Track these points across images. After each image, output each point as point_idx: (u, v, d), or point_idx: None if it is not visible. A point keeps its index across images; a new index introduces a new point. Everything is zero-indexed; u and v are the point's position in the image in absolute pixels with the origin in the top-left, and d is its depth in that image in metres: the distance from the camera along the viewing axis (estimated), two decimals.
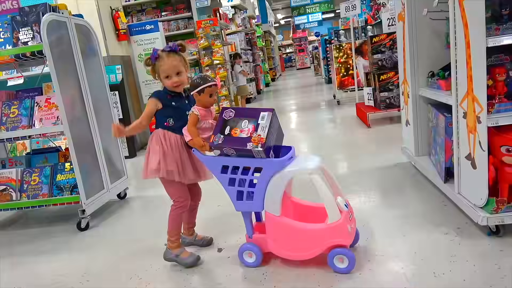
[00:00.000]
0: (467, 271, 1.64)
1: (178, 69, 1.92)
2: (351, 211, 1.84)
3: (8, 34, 2.69)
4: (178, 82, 1.92)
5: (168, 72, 1.91)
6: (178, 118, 1.94)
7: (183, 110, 1.96)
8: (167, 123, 1.94)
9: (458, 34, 1.88)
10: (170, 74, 1.91)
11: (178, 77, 1.92)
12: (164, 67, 1.90)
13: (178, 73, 1.92)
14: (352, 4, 5.99)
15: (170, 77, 1.91)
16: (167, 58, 1.91)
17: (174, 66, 1.90)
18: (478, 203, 1.86)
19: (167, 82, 1.92)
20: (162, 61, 1.90)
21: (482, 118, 1.74)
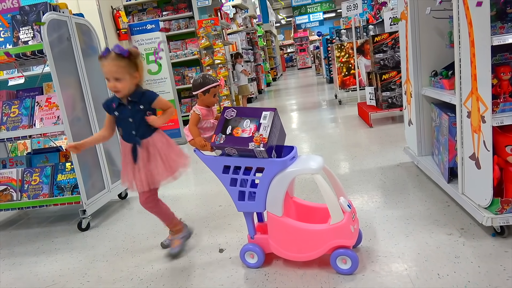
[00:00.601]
0: (472, 272, 1.62)
1: (116, 75, 1.83)
2: (354, 211, 1.82)
3: (8, 33, 2.67)
4: (115, 87, 1.85)
5: (106, 76, 1.86)
6: (124, 127, 1.96)
7: (126, 118, 1.94)
8: (120, 132, 2.00)
9: (462, 32, 1.86)
10: (108, 77, 1.86)
11: (115, 83, 1.84)
12: (103, 69, 1.85)
13: (117, 79, 1.84)
14: (353, 3, 5.96)
15: (108, 80, 1.87)
16: (105, 61, 1.83)
17: (112, 71, 1.83)
18: (482, 204, 1.84)
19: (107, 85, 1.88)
20: (102, 63, 1.84)
21: (486, 117, 1.72)
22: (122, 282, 1.95)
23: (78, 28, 2.89)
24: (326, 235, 1.71)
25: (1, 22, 2.68)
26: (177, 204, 2.96)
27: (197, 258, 2.07)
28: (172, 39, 6.77)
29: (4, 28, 2.68)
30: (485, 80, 1.70)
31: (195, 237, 2.34)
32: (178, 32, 6.76)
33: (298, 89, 11.68)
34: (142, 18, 6.80)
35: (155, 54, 5.24)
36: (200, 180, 3.56)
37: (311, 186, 2.84)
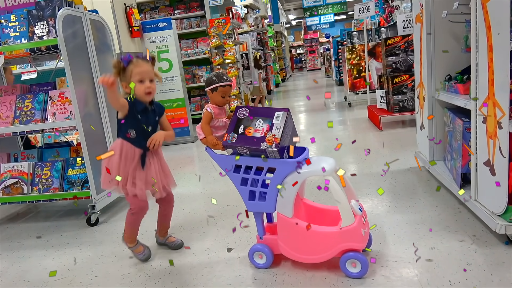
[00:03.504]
0: (484, 280, 1.59)
1: (152, 75, 1.87)
2: (365, 214, 1.80)
3: (24, 28, 2.70)
4: (151, 88, 1.86)
5: (143, 76, 1.83)
6: (140, 132, 1.91)
7: (147, 125, 1.92)
8: (129, 134, 1.90)
9: (480, 37, 1.83)
10: (144, 78, 1.83)
11: (151, 84, 1.86)
12: (139, 70, 1.82)
13: (151, 80, 1.86)
14: (366, 6, 5.93)
15: (144, 81, 1.84)
16: (142, 62, 1.84)
17: (150, 71, 1.86)
18: (496, 211, 1.81)
19: (139, 87, 1.83)
20: (138, 63, 1.83)
21: (503, 123, 1.69)
22: (130, 278, 1.95)
23: (93, 24, 2.91)
24: (336, 237, 1.70)
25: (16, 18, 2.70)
26: (185, 203, 2.97)
27: (205, 257, 2.07)
28: (183, 38, 6.79)
29: (20, 22, 2.70)
30: (503, 85, 1.67)
31: (203, 235, 2.34)
32: (189, 30, 6.78)
33: (307, 90, 11.65)
34: (154, 16, 6.84)
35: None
36: (208, 179, 3.56)
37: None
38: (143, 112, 1.90)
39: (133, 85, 1.81)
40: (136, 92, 1.84)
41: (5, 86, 3.04)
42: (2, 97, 2.84)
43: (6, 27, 2.72)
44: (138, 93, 1.85)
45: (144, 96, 1.86)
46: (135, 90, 1.83)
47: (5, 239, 2.70)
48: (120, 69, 1.84)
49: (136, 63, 1.83)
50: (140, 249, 2.09)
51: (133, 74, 1.82)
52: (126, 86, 1.85)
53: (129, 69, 1.83)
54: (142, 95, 1.86)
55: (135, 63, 1.83)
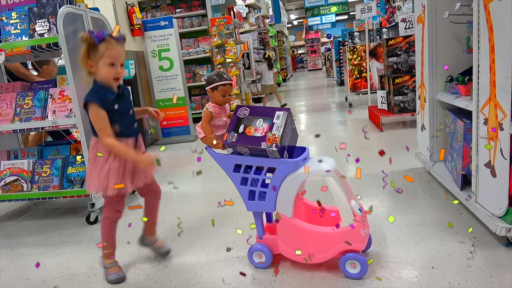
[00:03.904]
0: (484, 282, 1.59)
1: (123, 59, 1.71)
2: (365, 215, 1.79)
3: (25, 25, 2.70)
4: (121, 74, 1.70)
5: (115, 60, 1.66)
6: (124, 121, 1.75)
7: (127, 110, 1.78)
8: (113, 130, 1.72)
9: (482, 38, 1.82)
10: (116, 62, 1.67)
11: (121, 69, 1.71)
12: (113, 52, 1.64)
13: (122, 64, 1.71)
14: (367, 6, 5.93)
15: (115, 66, 1.67)
16: (116, 43, 1.66)
17: (122, 54, 1.69)
18: (496, 213, 1.80)
19: (109, 71, 1.65)
20: (111, 45, 1.64)
21: (505, 125, 1.68)
22: (129, 277, 1.95)
23: (94, 23, 2.90)
24: (336, 238, 1.69)
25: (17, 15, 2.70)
26: (185, 202, 2.96)
27: (204, 256, 2.07)
28: (184, 37, 6.78)
29: (21, 20, 2.70)
30: (505, 87, 1.66)
31: (202, 235, 2.33)
32: (190, 29, 6.78)
33: (308, 90, 11.65)
34: (156, 14, 6.83)
35: None
36: (208, 178, 3.56)
37: (320, 188, 2.81)
38: (117, 99, 1.73)
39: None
40: (102, 75, 1.67)
41: (5, 84, 3.04)
42: (2, 94, 2.84)
43: (7, 25, 2.72)
44: (105, 77, 1.68)
45: (111, 82, 1.70)
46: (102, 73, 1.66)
47: (4, 236, 2.69)
48: (89, 45, 1.63)
49: (109, 43, 1.64)
50: (116, 269, 1.91)
51: (104, 56, 1.64)
52: (92, 65, 1.67)
53: (100, 49, 1.63)
54: (109, 80, 1.69)
55: (108, 44, 1.64)
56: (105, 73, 1.67)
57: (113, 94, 1.72)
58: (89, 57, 1.66)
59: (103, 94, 1.69)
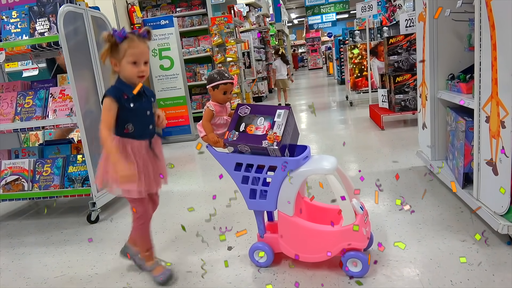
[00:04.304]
0: (486, 280, 1.58)
1: (147, 57, 1.67)
2: (366, 214, 1.79)
3: (25, 24, 2.69)
4: (145, 72, 1.66)
5: (138, 58, 1.62)
6: (139, 122, 1.71)
7: (144, 110, 1.73)
8: (126, 130, 1.69)
9: (483, 35, 1.82)
10: (139, 60, 1.63)
11: (146, 67, 1.67)
12: (135, 50, 1.61)
13: (146, 62, 1.67)
14: (368, 5, 5.91)
15: (138, 64, 1.63)
16: (138, 41, 1.62)
17: (146, 52, 1.65)
18: (498, 211, 1.80)
19: (132, 70, 1.63)
20: (133, 42, 1.61)
21: (507, 122, 1.67)
22: (130, 276, 1.95)
23: (94, 22, 2.90)
24: (337, 236, 1.69)
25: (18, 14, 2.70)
26: (186, 201, 2.96)
27: (205, 255, 2.06)
28: (184, 36, 6.78)
29: (21, 19, 2.70)
30: (507, 84, 1.66)
31: (203, 234, 2.33)
32: (191, 28, 6.77)
33: (309, 89, 11.64)
34: (156, 13, 6.83)
35: None
36: (210, 176, 3.56)
37: (321, 186, 2.81)
38: (136, 98, 1.68)
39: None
40: (126, 73, 1.65)
41: (6, 83, 3.04)
42: (3, 93, 2.84)
43: (7, 24, 2.72)
44: (128, 76, 1.65)
45: (135, 80, 1.66)
46: (126, 71, 1.63)
47: (5, 235, 2.69)
48: (112, 44, 1.62)
49: (131, 41, 1.61)
50: (160, 269, 1.84)
51: (126, 54, 1.61)
52: (116, 64, 1.65)
53: (122, 47, 1.61)
54: (133, 78, 1.66)
55: (130, 42, 1.61)
56: (128, 71, 1.64)
57: (131, 90, 1.67)
58: (112, 56, 1.64)
59: (122, 90, 1.66)
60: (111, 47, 1.62)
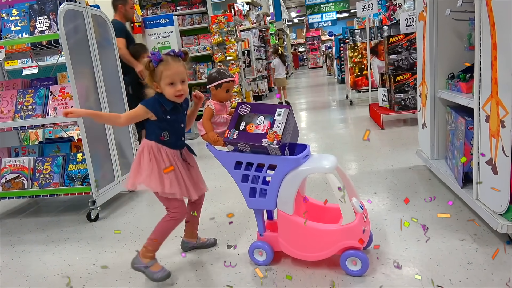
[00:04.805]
0: (485, 279, 1.59)
1: (183, 76, 1.73)
2: (366, 213, 1.79)
3: (25, 22, 2.69)
4: (183, 91, 1.73)
5: (174, 79, 1.69)
6: (173, 132, 1.80)
7: (179, 123, 1.83)
8: (162, 137, 1.77)
9: (483, 35, 1.82)
10: (175, 81, 1.70)
11: (183, 85, 1.73)
12: (169, 72, 1.68)
13: (183, 81, 1.74)
14: (369, 3, 5.91)
15: (175, 84, 1.71)
16: (173, 62, 1.70)
17: (181, 72, 1.72)
18: (497, 210, 1.80)
19: (169, 90, 1.71)
20: (168, 65, 1.69)
21: (506, 122, 1.68)
22: (130, 274, 1.95)
23: (94, 20, 2.90)
24: (337, 235, 1.69)
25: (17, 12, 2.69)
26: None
27: (205, 254, 2.07)
28: (185, 34, 6.77)
29: (21, 17, 2.69)
30: (507, 84, 1.66)
31: (203, 232, 2.33)
32: (191, 27, 6.77)
33: (309, 88, 11.63)
34: (156, 12, 6.82)
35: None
36: (209, 175, 3.56)
37: (321, 185, 2.82)
38: (173, 110, 1.77)
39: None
40: (167, 94, 1.73)
41: (6, 81, 3.04)
42: (3, 91, 2.84)
43: (7, 21, 2.72)
44: (169, 96, 1.74)
45: (175, 99, 1.75)
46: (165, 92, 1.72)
47: (5, 233, 2.70)
48: (151, 70, 1.71)
49: (166, 64, 1.69)
50: (158, 267, 1.84)
51: (163, 76, 1.69)
52: (157, 86, 1.73)
53: (159, 70, 1.69)
54: (173, 98, 1.74)
55: (165, 64, 1.69)
56: (167, 93, 1.73)
57: (170, 104, 1.76)
58: (152, 80, 1.74)
59: (160, 102, 1.74)
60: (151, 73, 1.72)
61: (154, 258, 1.86)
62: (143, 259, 1.84)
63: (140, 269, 1.84)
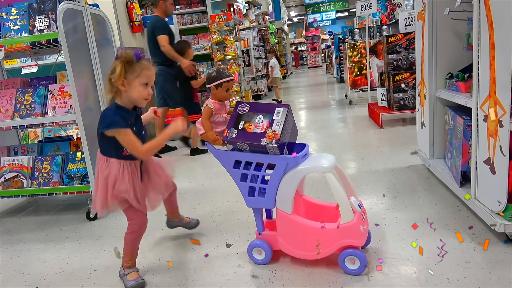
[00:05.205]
0: (482, 278, 1.59)
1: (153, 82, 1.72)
2: (364, 212, 1.80)
3: (24, 21, 2.69)
4: (149, 96, 1.70)
5: (150, 80, 1.67)
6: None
7: (141, 131, 1.78)
8: (125, 152, 1.71)
9: (482, 34, 1.82)
10: (150, 83, 1.68)
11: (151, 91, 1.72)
12: (149, 73, 1.66)
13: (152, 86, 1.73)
14: (368, 3, 5.91)
15: (148, 87, 1.68)
16: (150, 65, 1.68)
17: (154, 77, 1.72)
18: (495, 209, 1.81)
19: (141, 91, 1.66)
20: (147, 65, 1.66)
21: (504, 121, 1.68)
22: None
23: (93, 19, 2.89)
24: (335, 234, 1.70)
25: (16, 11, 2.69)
26: (185, 198, 2.97)
27: (204, 252, 2.07)
28: (184, 33, 6.77)
29: (21, 16, 2.69)
30: (505, 83, 1.66)
31: (202, 231, 2.34)
32: (190, 26, 6.76)
33: (308, 87, 11.64)
34: None
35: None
36: (208, 174, 3.56)
37: (320, 184, 2.82)
38: (136, 120, 1.74)
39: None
40: (134, 94, 1.66)
41: (5, 80, 3.04)
42: (2, 90, 2.83)
43: (6, 21, 2.71)
44: (136, 97, 1.67)
45: (142, 102, 1.71)
46: (135, 92, 1.65)
47: (4, 232, 2.70)
48: (127, 61, 1.62)
49: (145, 63, 1.66)
50: (134, 275, 1.84)
51: (141, 75, 1.64)
52: (124, 83, 1.64)
53: (138, 67, 1.64)
54: (140, 100, 1.70)
55: (145, 64, 1.66)
56: (137, 92, 1.66)
57: (132, 115, 1.72)
58: (123, 76, 1.64)
59: (124, 115, 1.68)
60: (126, 68, 1.62)
61: (133, 266, 1.88)
62: (124, 268, 1.87)
63: (121, 276, 1.88)
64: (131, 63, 1.63)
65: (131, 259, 1.87)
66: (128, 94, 1.67)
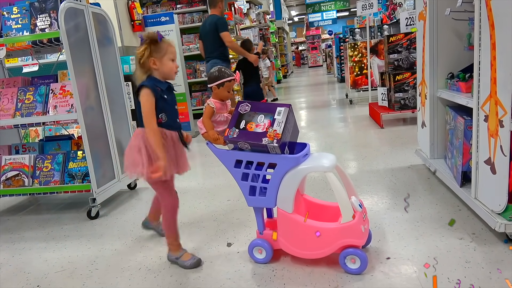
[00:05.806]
0: (483, 278, 1.60)
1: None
2: (365, 211, 1.80)
3: (26, 20, 2.69)
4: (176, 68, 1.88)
5: (175, 56, 1.85)
6: (170, 112, 1.86)
7: (174, 103, 1.91)
8: (160, 120, 1.81)
9: (483, 35, 1.83)
10: (175, 58, 1.85)
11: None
12: (173, 49, 1.84)
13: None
14: (369, 2, 5.90)
15: (175, 61, 1.86)
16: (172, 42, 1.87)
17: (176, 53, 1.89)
18: (496, 209, 1.81)
19: (171, 65, 1.83)
20: (171, 44, 1.84)
21: (505, 122, 1.69)
22: (130, 271, 1.96)
23: (95, 18, 2.90)
24: (336, 234, 1.70)
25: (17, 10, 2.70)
26: (186, 197, 2.97)
27: (204, 251, 2.08)
28: (185, 33, 6.77)
29: (22, 14, 2.70)
30: (506, 84, 1.67)
31: (203, 230, 2.35)
32: (191, 25, 6.76)
33: (309, 87, 11.63)
34: (156, 10, 6.81)
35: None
36: (209, 173, 3.57)
37: (321, 184, 2.83)
38: (167, 91, 1.86)
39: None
40: (166, 69, 1.83)
41: (7, 79, 3.04)
42: (3, 89, 2.84)
43: (8, 19, 2.72)
44: (167, 71, 1.84)
45: (173, 75, 1.87)
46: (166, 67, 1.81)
47: (5, 231, 2.71)
48: (152, 42, 1.78)
49: (169, 42, 1.84)
50: (188, 255, 1.94)
51: (167, 52, 1.81)
52: (155, 62, 1.79)
53: (163, 46, 1.80)
54: (172, 74, 1.86)
55: (169, 42, 1.84)
56: (169, 67, 1.83)
57: (165, 84, 1.85)
58: (151, 55, 1.79)
59: (156, 83, 1.81)
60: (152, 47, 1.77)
61: (180, 249, 1.97)
62: (172, 253, 1.96)
63: (174, 261, 1.97)
64: (155, 43, 1.78)
65: (175, 240, 1.96)
66: (160, 71, 1.82)
